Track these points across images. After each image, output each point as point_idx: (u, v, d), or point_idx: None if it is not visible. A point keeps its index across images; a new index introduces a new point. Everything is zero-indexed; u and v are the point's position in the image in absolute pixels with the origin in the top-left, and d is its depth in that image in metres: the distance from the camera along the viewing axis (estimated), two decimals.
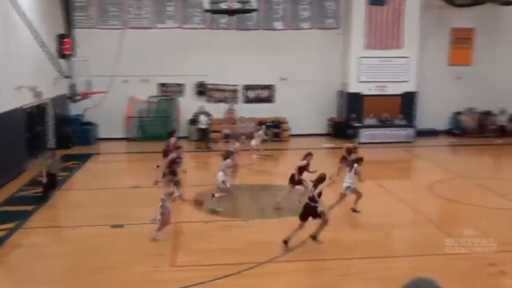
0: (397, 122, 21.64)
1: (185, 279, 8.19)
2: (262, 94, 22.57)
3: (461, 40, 22.80)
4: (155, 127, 21.60)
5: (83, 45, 19.64)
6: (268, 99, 22.51)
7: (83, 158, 17.84)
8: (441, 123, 22.93)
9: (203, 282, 8.01)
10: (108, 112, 21.04)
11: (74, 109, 21.07)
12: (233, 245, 9.75)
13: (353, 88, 21.64)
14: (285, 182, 14.13)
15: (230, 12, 17.88)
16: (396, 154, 19.61)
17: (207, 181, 13.95)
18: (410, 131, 21.29)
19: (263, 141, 18.07)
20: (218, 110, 21.74)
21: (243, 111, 21.99)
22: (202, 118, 20.39)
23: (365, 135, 20.99)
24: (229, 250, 9.49)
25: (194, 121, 21.69)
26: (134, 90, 21.45)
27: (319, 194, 9.49)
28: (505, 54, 22.74)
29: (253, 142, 17.55)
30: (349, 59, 21.65)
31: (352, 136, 21.06)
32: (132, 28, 21.22)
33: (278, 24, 22.05)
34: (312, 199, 9.54)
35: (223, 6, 16.86)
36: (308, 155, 12.42)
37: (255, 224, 11.12)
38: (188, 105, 21.73)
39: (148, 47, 21.17)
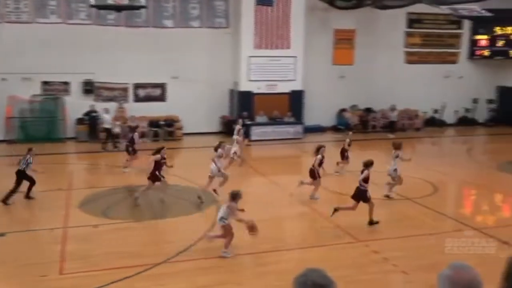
0: (286, 119, 22.31)
1: (74, 286, 7.81)
2: (154, 92, 22.15)
3: (344, 41, 24.04)
4: (38, 127, 20.36)
5: None
6: (160, 98, 22.14)
7: None
8: (327, 120, 24.00)
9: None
10: None
11: None
12: (126, 247, 9.47)
13: (244, 86, 21.94)
14: (179, 181, 14.00)
15: (117, 8, 17.33)
16: (286, 150, 20.21)
17: (99, 183, 13.43)
18: (298, 128, 22.03)
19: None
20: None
21: (134, 110, 21.39)
22: (106, 117, 19.59)
23: (256, 132, 21.39)
24: (122, 253, 9.20)
25: (82, 120, 20.76)
26: (15, 89, 20.01)
27: (367, 179, 10.48)
28: (382, 54, 24.35)
29: (238, 137, 16.65)
30: (239, 58, 21.92)
31: (244, 134, 21.37)
32: (9, 22, 19.80)
33: (168, 22, 21.74)
34: (364, 181, 10.59)
35: (109, 1, 16.29)
36: (321, 147, 12.93)
37: (149, 225, 10.89)
38: (75, 104, 20.70)
39: (29, 43, 19.85)
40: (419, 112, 25.06)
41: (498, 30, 25.34)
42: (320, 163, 12.84)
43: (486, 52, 25.88)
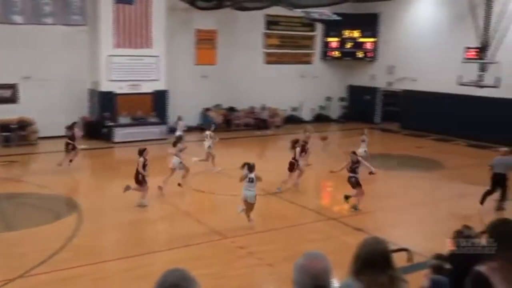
0: (150, 120, 21.89)
1: None
2: (4, 94, 20.34)
3: (205, 41, 24.21)
4: None
5: None
6: (11, 99, 20.39)
7: None
8: (192, 119, 23.96)
9: None
10: None
11: None
12: None
13: (105, 86, 21.10)
14: (37, 189, 13.15)
15: None
16: (151, 151, 19.79)
17: None
18: (163, 128, 21.75)
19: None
20: None
21: None
22: None
23: (119, 134, 20.70)
24: None
25: None
26: None
27: (357, 167, 12.01)
28: (243, 54, 24.95)
29: (210, 132, 16.53)
30: (99, 58, 21.00)
31: (106, 136, 20.59)
32: None
33: (18, 18, 20.05)
34: (353, 170, 11.99)
35: None
36: (298, 141, 14.17)
37: (1, 237, 10.00)
38: None
39: None
40: (279, 110, 26.11)
41: (346, 33, 27.33)
42: (298, 155, 13.90)
43: (337, 53, 27.77)
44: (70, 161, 15.63)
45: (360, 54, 27.36)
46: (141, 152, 12.10)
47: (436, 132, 23.04)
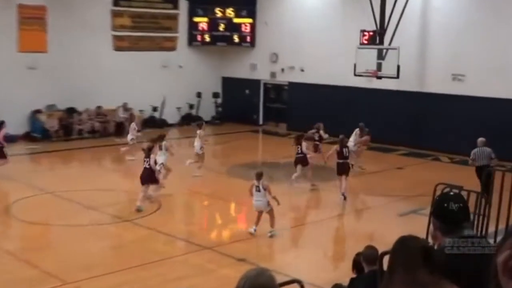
0: None
1: None
2: None
3: (32, 21, 23.15)
4: None
5: None
6: None
7: None
8: (18, 126, 22.74)
9: None
10: None
11: None
12: None
13: None
14: None
15: None
16: None
17: None
18: None
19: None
20: None
21: None
22: None
23: None
24: None
25: None
26: None
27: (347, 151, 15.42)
28: (85, 38, 24.12)
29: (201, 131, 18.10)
30: None
31: None
32: None
33: None
34: (345, 157, 15.25)
35: None
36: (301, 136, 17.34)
37: None
38: None
39: None
40: (135, 110, 25.50)
41: (218, 12, 27.62)
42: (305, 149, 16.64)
43: (207, 38, 27.95)
44: None
45: (236, 39, 27.83)
46: (150, 150, 14.43)
47: (330, 133, 23.85)
